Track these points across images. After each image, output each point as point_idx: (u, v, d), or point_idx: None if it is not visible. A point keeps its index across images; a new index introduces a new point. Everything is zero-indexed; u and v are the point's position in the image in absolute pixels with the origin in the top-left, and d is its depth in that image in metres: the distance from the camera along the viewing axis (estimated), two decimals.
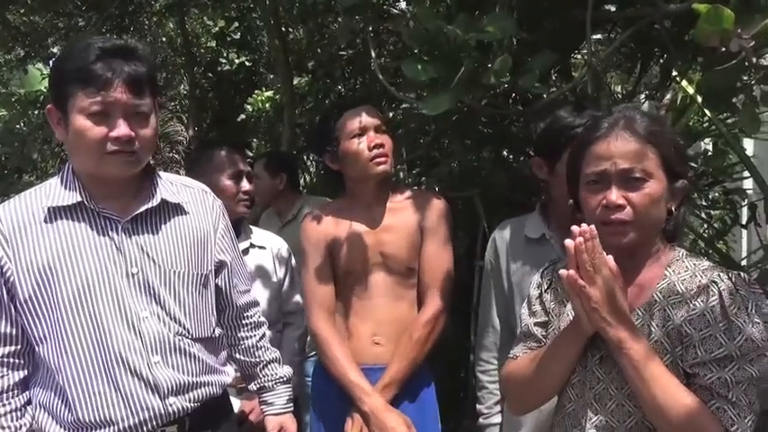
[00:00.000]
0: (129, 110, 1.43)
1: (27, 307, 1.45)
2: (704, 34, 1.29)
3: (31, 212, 1.46)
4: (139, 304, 1.49)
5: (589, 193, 1.31)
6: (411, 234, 2.03)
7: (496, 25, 1.68)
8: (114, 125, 1.42)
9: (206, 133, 6.87)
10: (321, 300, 2.03)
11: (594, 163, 1.29)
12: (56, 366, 1.45)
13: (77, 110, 1.41)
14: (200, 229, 1.62)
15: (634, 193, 1.26)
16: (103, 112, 1.41)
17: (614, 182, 1.27)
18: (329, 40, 5.05)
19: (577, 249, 1.21)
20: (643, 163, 1.26)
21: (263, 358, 1.83)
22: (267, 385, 1.85)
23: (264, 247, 2.44)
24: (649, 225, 1.29)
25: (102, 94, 1.40)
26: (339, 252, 2.04)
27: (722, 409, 1.18)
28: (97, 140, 1.42)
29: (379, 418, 1.87)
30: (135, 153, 1.46)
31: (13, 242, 1.44)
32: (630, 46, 2.61)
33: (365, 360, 1.98)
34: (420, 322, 1.98)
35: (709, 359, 1.20)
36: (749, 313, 1.19)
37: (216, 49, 6.70)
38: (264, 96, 6.05)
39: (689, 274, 1.28)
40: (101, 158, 1.44)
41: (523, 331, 1.46)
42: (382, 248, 2.01)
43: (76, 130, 1.42)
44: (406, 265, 2.02)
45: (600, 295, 1.21)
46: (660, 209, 1.28)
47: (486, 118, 2.85)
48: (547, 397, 1.42)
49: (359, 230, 2.03)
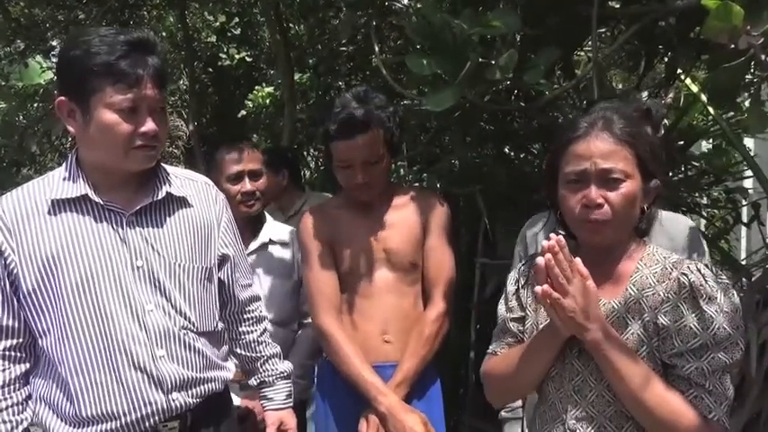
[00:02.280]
0: (154, 105, 1.45)
1: (30, 299, 1.44)
2: (713, 31, 1.28)
3: (34, 204, 1.46)
4: (145, 297, 1.48)
5: (568, 191, 1.34)
6: (413, 230, 2.02)
7: (501, 20, 1.67)
8: (142, 120, 1.43)
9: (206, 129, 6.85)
10: (328, 298, 2.00)
11: (574, 162, 1.32)
12: (59, 359, 1.44)
13: (105, 105, 1.40)
14: (204, 222, 1.61)
15: (612, 193, 1.29)
16: (133, 107, 1.42)
17: (594, 181, 1.30)
18: (330, 35, 5.04)
19: (548, 265, 1.25)
20: (621, 163, 1.29)
21: (263, 353, 1.83)
22: (267, 380, 1.84)
23: (286, 243, 2.39)
24: (625, 224, 1.32)
25: (135, 92, 1.41)
26: (341, 249, 2.02)
27: (699, 397, 1.23)
28: (126, 135, 1.42)
29: (397, 418, 1.84)
30: (155, 147, 1.48)
31: (17, 233, 1.43)
32: (634, 43, 2.59)
33: (376, 358, 1.96)
34: (429, 319, 1.97)
35: (685, 350, 1.24)
36: (719, 303, 1.24)
37: (216, 45, 6.67)
38: (265, 92, 6.03)
39: (660, 266, 1.33)
40: (126, 153, 1.44)
41: (500, 327, 1.49)
42: (385, 245, 2.00)
43: (104, 124, 1.41)
44: (410, 261, 2.01)
45: (574, 304, 1.25)
46: (635, 208, 1.32)
47: (487, 114, 2.84)
48: (526, 391, 1.49)
49: (360, 227, 2.02)
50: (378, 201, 2.03)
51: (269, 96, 5.99)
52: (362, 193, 2.00)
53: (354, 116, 1.88)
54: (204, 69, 6.89)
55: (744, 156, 2.38)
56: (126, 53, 1.40)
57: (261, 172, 2.35)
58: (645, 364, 1.26)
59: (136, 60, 1.41)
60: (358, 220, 2.03)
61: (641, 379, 1.23)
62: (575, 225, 1.35)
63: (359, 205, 2.04)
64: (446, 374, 2.12)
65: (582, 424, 1.31)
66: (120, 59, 1.39)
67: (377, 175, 1.96)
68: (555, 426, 1.36)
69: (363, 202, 2.03)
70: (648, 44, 2.54)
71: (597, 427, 1.30)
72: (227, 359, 1.70)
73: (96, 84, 1.40)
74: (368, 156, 1.92)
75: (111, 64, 1.39)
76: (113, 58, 1.39)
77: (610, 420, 1.30)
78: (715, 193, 3.29)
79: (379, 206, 2.03)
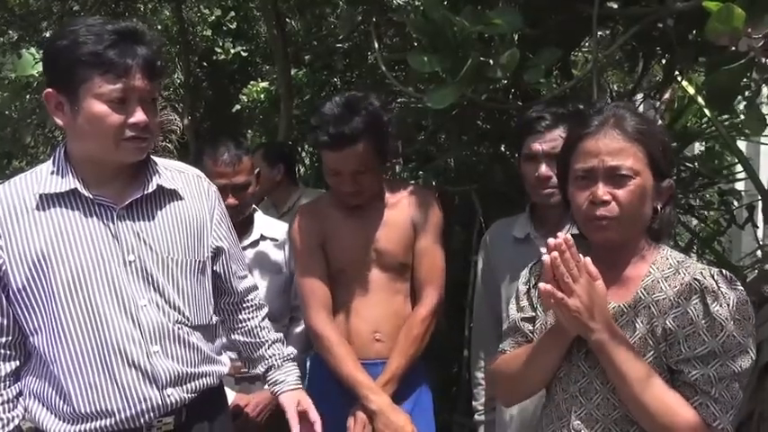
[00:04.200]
0: (145, 96, 1.42)
1: (20, 297, 1.41)
2: (714, 33, 1.29)
3: (22, 199, 1.43)
4: (138, 292, 1.46)
5: (577, 189, 1.33)
6: (404, 230, 2.01)
7: (502, 18, 1.67)
8: (132, 111, 1.40)
9: (200, 123, 6.82)
10: (319, 297, 1.99)
11: (583, 159, 1.32)
12: (51, 357, 1.42)
13: (93, 95, 1.38)
14: (196, 215, 1.59)
15: (620, 190, 1.28)
16: (122, 98, 1.39)
17: (601, 178, 1.29)
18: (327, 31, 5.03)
19: (553, 264, 1.24)
20: (630, 161, 1.28)
21: (267, 338, 1.80)
22: (276, 364, 1.80)
23: (277, 239, 2.35)
24: (634, 222, 1.31)
25: (124, 81, 1.38)
26: (332, 248, 2.02)
27: (704, 404, 1.21)
28: (116, 126, 1.40)
29: (388, 417, 1.85)
30: (147, 139, 1.45)
31: (5, 230, 1.40)
32: (632, 44, 2.60)
33: (366, 355, 1.96)
34: (417, 318, 1.97)
35: (692, 356, 1.22)
36: (731, 310, 1.22)
37: (212, 39, 6.65)
38: (260, 87, 6.01)
39: (672, 271, 1.31)
40: (117, 145, 1.42)
41: (511, 326, 1.49)
42: (375, 245, 1.99)
43: (93, 115, 1.39)
44: (400, 261, 2.01)
45: (579, 304, 1.23)
46: (645, 206, 1.30)
47: (484, 113, 2.85)
48: (533, 391, 1.46)
49: (351, 226, 2.01)
50: (369, 200, 2.03)
51: (264, 91, 5.98)
52: (351, 200, 1.99)
53: (343, 129, 1.85)
54: (199, 63, 6.87)
55: (738, 158, 2.39)
56: (114, 42, 1.37)
57: (248, 183, 2.22)
58: (648, 366, 1.24)
59: (124, 50, 1.38)
60: (349, 219, 2.02)
61: (643, 381, 1.22)
62: (582, 222, 1.34)
63: (352, 206, 2.04)
64: (439, 373, 2.13)
65: (586, 426, 1.30)
66: (107, 49, 1.36)
67: (366, 184, 1.95)
68: (560, 426, 1.35)
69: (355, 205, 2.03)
70: (647, 45, 2.55)
71: (602, 430, 1.29)
72: (222, 353, 1.69)
73: (84, 74, 1.37)
74: (356, 166, 1.90)
75: (98, 53, 1.36)
76: (101, 48, 1.36)
77: (615, 423, 1.29)
78: (708, 195, 3.30)
79: (371, 205, 2.02)
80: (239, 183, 2.17)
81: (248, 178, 2.22)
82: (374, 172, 1.96)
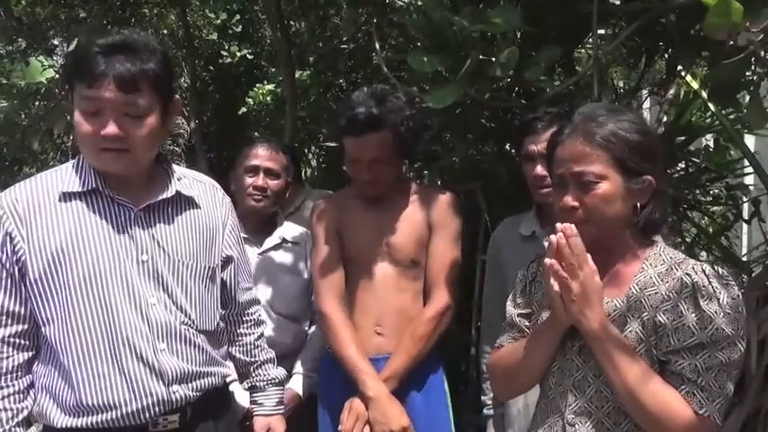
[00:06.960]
0: (119, 108, 1.41)
1: (36, 286, 1.45)
2: (713, 27, 1.28)
3: (46, 195, 1.48)
4: (148, 291, 1.50)
5: (555, 195, 1.38)
6: (418, 228, 2.03)
7: (502, 17, 1.68)
8: (105, 123, 1.41)
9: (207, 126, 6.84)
10: (332, 283, 2.03)
11: (556, 166, 1.37)
12: (61, 348, 1.46)
13: (76, 104, 1.42)
14: (210, 223, 1.63)
15: (586, 196, 1.31)
16: (95, 107, 1.40)
17: (570, 185, 1.33)
18: (331, 33, 5.04)
19: (559, 244, 1.27)
20: (594, 166, 1.30)
21: (258, 358, 1.85)
22: (259, 385, 1.86)
23: (298, 243, 2.42)
24: (605, 223, 1.33)
25: (93, 91, 1.39)
26: (346, 237, 2.05)
27: (691, 393, 1.24)
28: (89, 136, 1.43)
29: (383, 405, 1.87)
30: (128, 151, 1.45)
31: (28, 223, 1.45)
32: (635, 40, 2.60)
33: (367, 351, 1.98)
34: (425, 318, 1.98)
35: (681, 347, 1.25)
36: (721, 304, 1.25)
37: (217, 42, 6.67)
38: (266, 90, 6.02)
39: (665, 266, 1.33)
40: (97, 154, 1.45)
41: (508, 321, 1.52)
42: (388, 239, 2.02)
43: (75, 123, 1.43)
44: (412, 258, 2.03)
45: (579, 290, 1.27)
46: (615, 207, 1.32)
47: (488, 112, 2.85)
48: (529, 385, 1.49)
49: (367, 219, 2.05)
50: (389, 195, 2.05)
51: (270, 94, 5.99)
52: (367, 190, 2.02)
53: (367, 114, 1.90)
54: (205, 67, 6.88)
55: (744, 152, 2.38)
56: (97, 53, 1.38)
57: (278, 173, 2.37)
58: (643, 360, 1.26)
59: (102, 62, 1.38)
60: (366, 211, 2.05)
61: (638, 375, 1.24)
62: None
63: (369, 197, 2.06)
64: (447, 371, 2.13)
65: (580, 419, 1.33)
66: (89, 58, 1.38)
67: (383, 175, 1.98)
68: (554, 419, 1.37)
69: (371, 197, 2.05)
70: (649, 41, 2.54)
71: (595, 423, 1.31)
72: (227, 358, 1.72)
73: (72, 82, 1.43)
74: (376, 154, 1.94)
75: (78, 62, 1.40)
76: (83, 57, 1.39)
77: (608, 416, 1.31)
78: (715, 190, 3.29)
79: (389, 200, 2.06)
80: (271, 168, 2.34)
81: (280, 169, 2.37)
82: (392, 164, 1.99)
